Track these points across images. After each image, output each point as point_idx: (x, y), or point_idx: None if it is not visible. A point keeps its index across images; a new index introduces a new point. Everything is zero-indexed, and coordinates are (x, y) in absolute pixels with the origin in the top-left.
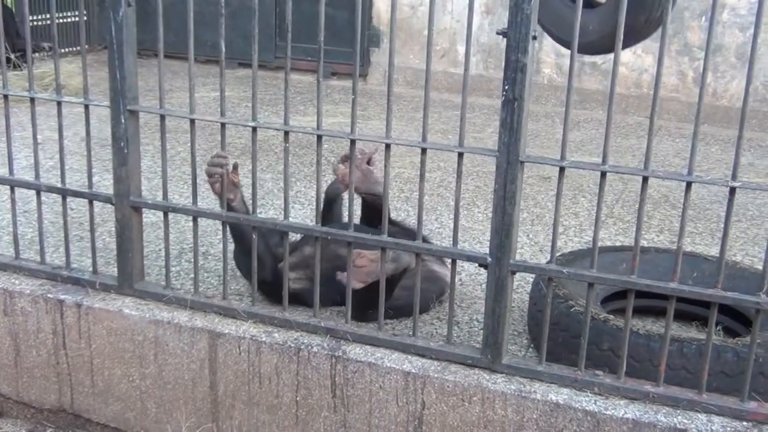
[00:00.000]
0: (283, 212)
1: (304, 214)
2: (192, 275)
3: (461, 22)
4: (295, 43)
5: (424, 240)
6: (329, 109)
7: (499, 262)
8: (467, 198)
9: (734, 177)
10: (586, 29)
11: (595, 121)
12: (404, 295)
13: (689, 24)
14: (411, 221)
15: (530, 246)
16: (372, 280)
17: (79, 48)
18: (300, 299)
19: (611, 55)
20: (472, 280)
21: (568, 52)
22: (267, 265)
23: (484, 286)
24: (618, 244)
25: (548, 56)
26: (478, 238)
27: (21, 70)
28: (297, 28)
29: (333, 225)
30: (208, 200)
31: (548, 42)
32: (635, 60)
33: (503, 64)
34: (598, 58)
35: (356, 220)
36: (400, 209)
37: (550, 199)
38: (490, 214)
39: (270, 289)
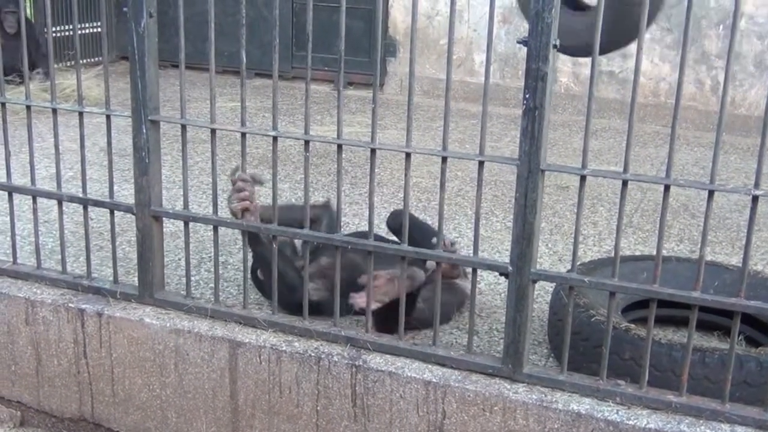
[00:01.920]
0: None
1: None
2: (212, 285)
3: (478, 32)
4: (312, 53)
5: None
6: (346, 119)
7: (519, 270)
8: (486, 207)
9: (757, 185)
10: (578, 32)
11: (613, 130)
12: (426, 307)
13: (707, 32)
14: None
15: (549, 255)
16: (389, 299)
17: (94, 60)
18: (319, 310)
19: (629, 64)
20: (491, 289)
21: (585, 60)
22: (298, 288)
23: (503, 295)
24: (638, 253)
25: (565, 65)
26: (497, 248)
27: (41, 82)
28: (314, 38)
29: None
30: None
31: None
32: (652, 69)
33: (520, 73)
34: (615, 67)
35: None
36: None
37: (568, 208)
38: (509, 224)
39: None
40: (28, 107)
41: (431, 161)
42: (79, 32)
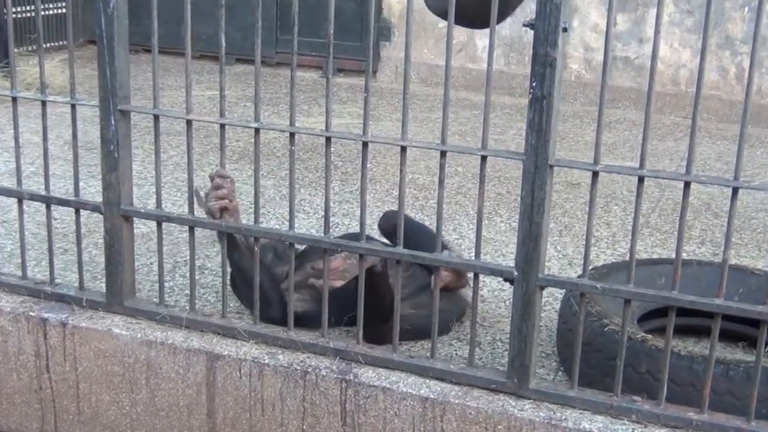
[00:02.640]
0: (287, 221)
1: (309, 224)
2: (187, 291)
3: None
4: (298, 36)
5: (444, 247)
6: (336, 109)
7: (526, 275)
8: (489, 206)
9: None
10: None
11: (628, 122)
12: (422, 315)
13: (730, 15)
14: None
15: (558, 259)
16: (350, 276)
17: (58, 44)
18: (304, 322)
19: (646, 49)
20: (495, 296)
21: (598, 45)
22: (274, 302)
23: (508, 303)
24: (655, 256)
25: (576, 50)
26: (500, 251)
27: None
28: (300, 20)
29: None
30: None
31: (576, 35)
32: (671, 54)
33: (527, 59)
34: (630, 52)
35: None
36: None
37: (579, 207)
38: (514, 224)
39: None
40: None
41: (429, 156)
42: (42, 13)
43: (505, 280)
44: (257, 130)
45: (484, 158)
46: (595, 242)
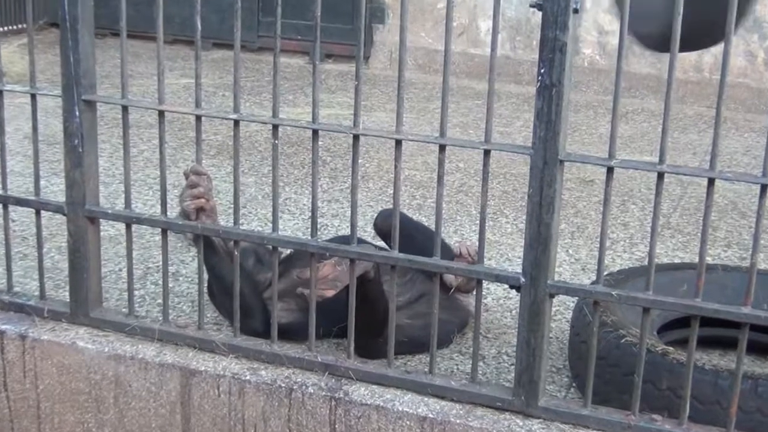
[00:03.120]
0: (270, 223)
1: (294, 225)
2: (159, 300)
3: None
4: (282, 18)
5: (444, 248)
6: (324, 99)
7: (534, 282)
8: (493, 205)
9: None
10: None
11: (646, 112)
12: (420, 326)
13: None
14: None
15: (570, 264)
16: (341, 286)
17: (17, 27)
18: (290, 334)
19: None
20: (500, 305)
21: (612, 28)
22: (256, 312)
23: (514, 312)
24: (677, 260)
25: (589, 34)
26: (506, 255)
27: None
28: (284, 0)
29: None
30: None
31: (589, 17)
32: None
33: (534, 43)
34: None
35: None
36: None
37: (592, 206)
38: (521, 225)
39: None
40: None
41: (427, 150)
42: None
43: (512, 287)
44: (237, 122)
45: (487, 152)
46: (610, 245)
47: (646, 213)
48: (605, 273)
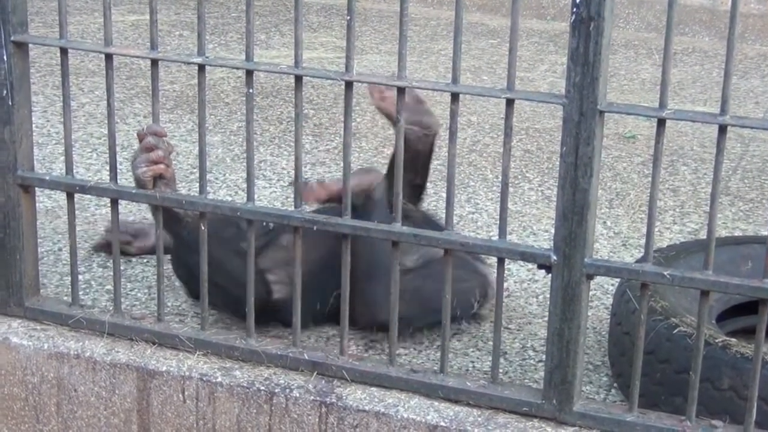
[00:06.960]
0: (243, 191)
1: (272, 194)
2: (109, 286)
3: None
4: None
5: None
6: (306, 38)
7: (568, 261)
8: (514, 168)
9: None
10: None
11: (698, 53)
12: (433, 289)
13: None
14: (436, 204)
15: (609, 238)
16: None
17: None
18: (284, 313)
19: None
20: (523, 289)
21: None
22: (257, 285)
23: (541, 298)
24: (738, 233)
25: None
26: (531, 227)
27: None
28: None
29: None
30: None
31: None
32: None
33: None
34: None
35: None
36: None
37: (634, 168)
38: (548, 192)
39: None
40: None
41: (433, 99)
42: None
43: (540, 266)
44: (202, 67)
45: (510, 102)
46: (658, 215)
47: (699, 176)
48: (654, 249)
